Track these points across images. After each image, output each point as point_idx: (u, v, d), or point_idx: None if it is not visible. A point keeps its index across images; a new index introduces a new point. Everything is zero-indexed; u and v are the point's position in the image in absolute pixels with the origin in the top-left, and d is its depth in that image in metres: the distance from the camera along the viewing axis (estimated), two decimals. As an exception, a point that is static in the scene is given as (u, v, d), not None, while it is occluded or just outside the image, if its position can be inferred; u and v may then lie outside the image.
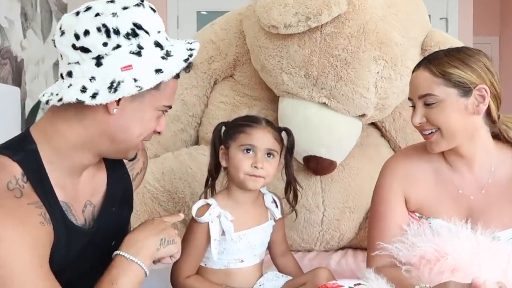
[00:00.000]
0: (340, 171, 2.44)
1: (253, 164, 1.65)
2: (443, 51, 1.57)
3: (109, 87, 1.20)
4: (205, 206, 1.68)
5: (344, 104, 2.23)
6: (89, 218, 1.37)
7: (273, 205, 1.81)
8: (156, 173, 2.47)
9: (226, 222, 1.67)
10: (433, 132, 1.55)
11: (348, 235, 2.48)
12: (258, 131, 1.70)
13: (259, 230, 1.76)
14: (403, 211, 1.64)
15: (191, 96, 2.61)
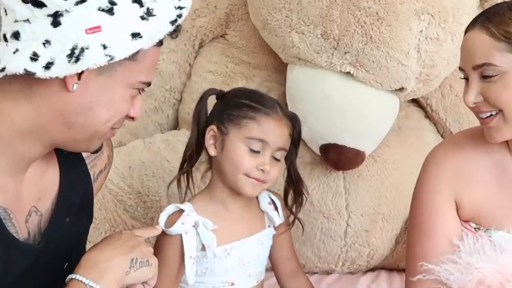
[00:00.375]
0: (370, 164, 2.45)
1: (260, 165, 1.67)
2: (507, 4, 1.52)
3: (69, 55, 1.20)
4: (177, 212, 1.69)
5: (375, 74, 2.24)
6: (35, 231, 1.36)
7: (270, 207, 1.83)
8: (121, 168, 2.48)
9: (206, 233, 1.67)
10: (492, 115, 1.52)
11: (380, 251, 2.50)
12: (273, 122, 1.71)
13: (253, 241, 1.77)
14: (454, 221, 1.65)
15: (168, 64, 2.62)
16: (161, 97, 2.65)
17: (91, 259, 1.35)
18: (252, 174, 1.67)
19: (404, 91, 2.33)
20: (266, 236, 1.81)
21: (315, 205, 2.40)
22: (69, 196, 1.46)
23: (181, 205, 1.70)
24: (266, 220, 1.82)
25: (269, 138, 1.68)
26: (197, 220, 1.67)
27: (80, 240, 1.54)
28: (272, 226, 1.83)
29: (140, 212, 2.49)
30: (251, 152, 1.68)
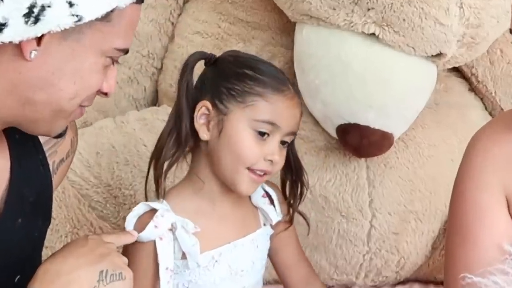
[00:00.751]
0: (400, 150, 2.47)
1: (268, 155, 1.67)
2: None
3: (26, 14, 1.19)
4: (149, 213, 1.67)
5: (406, 36, 2.24)
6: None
7: (265, 201, 1.83)
8: (86, 154, 2.49)
9: (186, 237, 1.66)
10: None
11: (413, 259, 2.51)
12: (286, 100, 1.72)
13: (247, 244, 1.77)
14: (505, 221, 1.65)
15: (145, 23, 2.64)
16: (136, 65, 2.68)
17: (50, 270, 1.35)
18: (257, 165, 1.67)
19: (442, 57, 2.33)
20: (261, 237, 1.81)
21: (331, 202, 2.41)
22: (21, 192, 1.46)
23: (153, 203, 1.68)
24: (260, 217, 1.83)
25: (281, 121, 1.68)
26: (174, 222, 1.66)
27: (35, 246, 1.54)
28: (269, 224, 1.83)
29: (110, 209, 2.50)
30: (260, 140, 1.67)
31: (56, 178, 1.61)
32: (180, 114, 1.73)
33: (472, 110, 2.62)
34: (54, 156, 1.59)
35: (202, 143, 1.73)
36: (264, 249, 1.82)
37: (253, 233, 1.79)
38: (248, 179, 1.67)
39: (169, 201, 1.70)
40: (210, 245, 1.69)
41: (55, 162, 1.59)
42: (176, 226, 1.65)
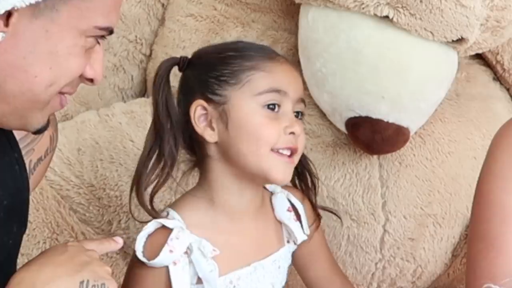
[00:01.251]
0: (416, 146, 2.46)
1: (288, 127, 1.65)
2: None
3: None
4: (161, 230, 1.65)
5: (423, 19, 2.23)
6: None
7: (290, 215, 1.81)
8: (66, 151, 2.48)
9: (203, 262, 1.64)
10: None
11: (431, 268, 2.51)
12: (284, 66, 1.73)
13: (268, 265, 1.76)
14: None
15: (132, 4, 2.65)
16: (122, 52, 2.69)
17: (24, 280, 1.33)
18: (280, 143, 1.65)
19: (464, 43, 2.32)
20: (284, 256, 1.81)
21: (340, 204, 2.41)
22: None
23: (167, 221, 1.65)
24: (284, 233, 1.82)
25: (286, 86, 1.68)
26: (190, 243, 1.64)
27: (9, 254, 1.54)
28: (293, 242, 1.82)
29: (93, 212, 2.50)
30: (270, 112, 1.66)
31: (33, 179, 1.60)
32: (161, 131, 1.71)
33: (497, 102, 2.62)
34: (31, 154, 1.59)
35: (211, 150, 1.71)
36: (285, 268, 1.82)
37: (276, 253, 1.78)
38: (277, 163, 1.66)
39: (182, 214, 1.69)
40: (228, 267, 1.69)
41: (32, 161, 1.59)
42: (192, 248, 1.64)
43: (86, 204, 2.48)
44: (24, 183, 1.55)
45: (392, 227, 2.43)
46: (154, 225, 1.65)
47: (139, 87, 2.71)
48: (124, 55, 2.66)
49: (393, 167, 2.43)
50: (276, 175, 1.65)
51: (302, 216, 1.82)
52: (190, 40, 2.55)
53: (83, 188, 2.48)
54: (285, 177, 1.68)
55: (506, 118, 1.88)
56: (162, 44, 2.65)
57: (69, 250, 1.41)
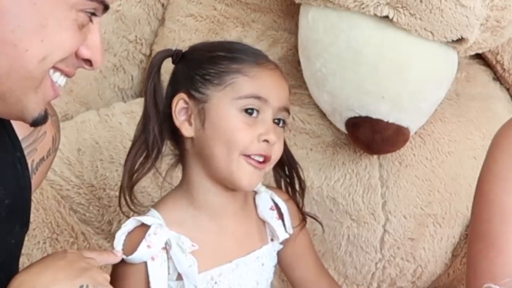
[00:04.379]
0: (416, 146, 2.46)
1: (263, 135, 1.64)
2: None
3: None
4: (140, 229, 1.65)
5: (424, 19, 2.23)
6: None
7: (272, 214, 1.81)
8: (67, 151, 2.49)
9: (182, 257, 1.64)
10: None
11: (431, 268, 2.52)
12: (269, 73, 1.71)
13: (250, 262, 1.76)
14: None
15: (132, 4, 2.65)
16: (122, 52, 2.69)
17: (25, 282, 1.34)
18: (252, 149, 1.64)
19: (464, 43, 2.32)
20: (268, 254, 1.80)
21: (340, 204, 2.42)
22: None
23: (144, 218, 1.66)
24: (267, 231, 1.82)
25: (267, 94, 1.67)
26: (168, 239, 1.64)
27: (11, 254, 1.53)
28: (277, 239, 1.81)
29: (93, 212, 2.50)
30: (248, 119, 1.66)
31: (35, 179, 1.60)
32: (147, 119, 1.73)
33: (497, 102, 2.63)
34: (33, 154, 1.58)
35: (188, 144, 1.71)
36: (270, 266, 1.82)
37: (258, 250, 1.77)
38: (246, 168, 1.64)
39: (163, 212, 1.69)
40: (209, 264, 1.68)
41: (34, 160, 1.59)
42: (170, 244, 1.63)
43: (86, 204, 2.49)
44: (26, 183, 1.55)
45: (392, 227, 2.44)
46: (133, 223, 1.65)
47: (139, 87, 2.71)
48: (124, 55, 2.66)
49: (393, 167, 2.44)
50: (242, 180, 1.65)
51: (285, 215, 1.82)
52: (190, 40, 2.54)
53: (83, 188, 2.49)
54: (251, 183, 1.68)
55: (506, 118, 1.88)
56: (162, 44, 2.64)
57: (69, 257, 1.42)
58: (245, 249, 1.75)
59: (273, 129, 1.66)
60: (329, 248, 2.41)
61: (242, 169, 1.64)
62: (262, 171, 1.69)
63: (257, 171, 1.66)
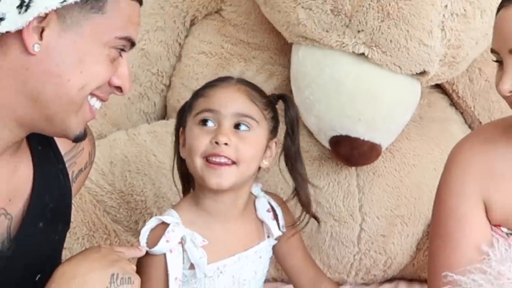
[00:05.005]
0: (387, 160, 2.46)
1: (213, 138, 1.62)
2: None
3: (19, 5, 1.19)
4: (161, 226, 1.65)
5: (393, 55, 2.23)
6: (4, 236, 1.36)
7: (269, 215, 1.80)
8: (101, 164, 2.48)
9: (194, 251, 1.63)
10: None
11: (399, 259, 2.51)
12: (222, 90, 1.70)
13: (250, 256, 1.75)
14: (483, 225, 1.66)
15: (155, 44, 2.64)
16: (147, 82, 2.67)
17: (66, 272, 1.34)
18: (208, 151, 1.62)
19: (426, 75, 2.32)
20: (265, 249, 1.80)
21: (324, 206, 2.41)
22: (43, 198, 1.45)
23: (164, 217, 1.66)
24: (265, 229, 1.80)
25: (217, 105, 1.66)
26: (184, 235, 1.63)
27: (55, 248, 1.53)
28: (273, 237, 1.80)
29: (123, 214, 2.50)
30: (203, 129, 1.65)
31: (75, 187, 1.60)
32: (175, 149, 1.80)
33: (453, 124, 2.62)
34: (73, 166, 1.58)
35: None
36: (266, 259, 1.81)
37: (257, 246, 1.77)
38: (209, 170, 1.62)
39: (180, 212, 1.69)
40: (216, 257, 1.67)
41: (74, 172, 1.59)
42: (185, 239, 1.63)
43: (117, 207, 2.48)
44: (68, 190, 1.55)
45: (367, 225, 2.43)
46: (155, 221, 1.65)
47: (161, 112, 2.70)
48: (148, 85, 2.65)
49: (368, 176, 2.43)
50: (210, 180, 1.62)
51: (279, 216, 1.81)
52: (202, 73, 2.55)
53: (115, 194, 2.48)
54: (219, 182, 1.62)
55: (460, 137, 1.88)
56: (179, 76, 2.64)
57: (102, 250, 1.42)
58: (246, 245, 1.74)
59: (227, 131, 1.63)
60: (315, 243, 2.40)
61: (205, 171, 1.62)
62: (230, 171, 1.63)
63: (221, 171, 1.62)
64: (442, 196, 1.71)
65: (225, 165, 1.62)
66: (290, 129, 1.80)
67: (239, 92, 1.69)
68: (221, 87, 1.70)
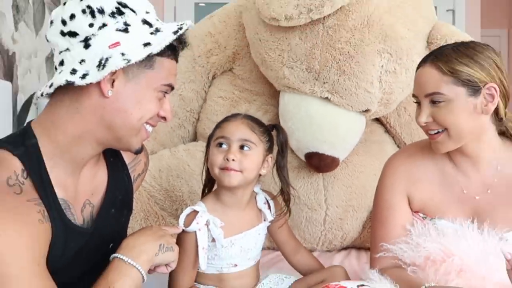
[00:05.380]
0: (343, 168, 2.44)
1: (225, 156, 1.63)
2: (451, 46, 1.52)
3: (98, 65, 1.21)
4: (193, 213, 1.65)
5: (347, 99, 2.23)
6: (88, 219, 1.37)
7: (265, 206, 1.79)
8: (153, 171, 2.47)
9: (215, 229, 1.64)
10: (439, 132, 1.51)
11: (351, 234, 2.49)
12: (232, 123, 1.69)
13: (252, 233, 1.74)
14: (407, 212, 1.65)
15: (188, 91, 2.61)
16: (183, 117, 2.65)
17: (130, 243, 1.34)
18: (221, 165, 1.63)
19: (369, 112, 2.32)
20: (262, 228, 1.78)
21: (301, 199, 2.40)
22: (114, 193, 1.45)
23: (196, 207, 1.66)
24: (262, 215, 1.78)
25: (229, 134, 1.65)
26: (208, 219, 1.63)
27: (122, 226, 1.53)
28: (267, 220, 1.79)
29: (167, 204, 2.48)
30: (219, 150, 1.65)
31: (135, 186, 1.59)
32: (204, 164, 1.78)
33: (387, 144, 2.60)
34: (134, 172, 1.58)
35: None
36: (263, 235, 1.79)
37: (257, 226, 1.75)
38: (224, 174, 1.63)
39: (206, 204, 1.68)
40: (229, 234, 1.67)
41: (134, 175, 1.58)
42: (209, 222, 1.63)
43: (163, 199, 2.48)
44: (130, 188, 1.55)
45: (330, 212, 2.42)
46: (189, 210, 1.65)
47: (193, 136, 2.68)
48: (184, 118, 2.63)
49: (330, 179, 2.42)
50: (223, 182, 1.63)
51: (271, 207, 1.80)
52: (220, 111, 2.53)
53: (162, 191, 2.48)
54: (230, 182, 1.63)
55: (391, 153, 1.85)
56: (205, 112, 2.62)
57: (153, 228, 1.41)
58: (249, 225, 1.73)
59: (235, 152, 1.63)
60: (296, 224, 2.38)
61: (221, 175, 1.63)
62: (238, 175, 1.63)
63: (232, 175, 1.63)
64: (379, 192, 1.70)
65: (233, 171, 1.62)
66: (281, 149, 1.78)
67: (243, 124, 1.68)
68: (230, 121, 1.69)
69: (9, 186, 1.17)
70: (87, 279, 1.30)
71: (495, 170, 1.57)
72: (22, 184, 1.19)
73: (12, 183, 1.18)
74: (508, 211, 1.55)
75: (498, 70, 1.48)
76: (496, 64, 1.48)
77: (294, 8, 2.07)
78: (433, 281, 1.45)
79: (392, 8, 2.17)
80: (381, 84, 2.23)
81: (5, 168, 1.19)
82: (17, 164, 1.21)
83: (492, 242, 1.48)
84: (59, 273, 1.23)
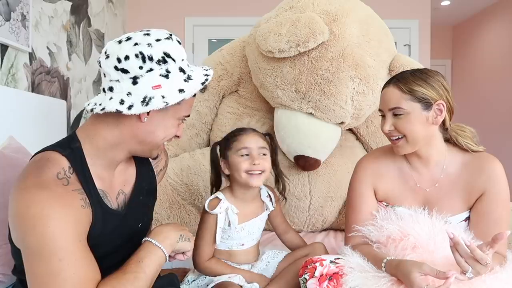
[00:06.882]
0: (323, 167, 2.43)
1: (251, 162, 1.62)
2: (409, 72, 1.53)
3: (142, 101, 1.20)
4: (215, 199, 1.65)
5: (327, 114, 2.23)
6: (121, 204, 1.36)
7: (267, 198, 1.78)
8: (176, 169, 2.46)
9: (232, 215, 1.65)
10: (399, 138, 1.52)
11: (330, 219, 2.48)
12: (248, 135, 1.68)
13: (257, 220, 1.74)
14: (373, 201, 1.63)
15: (204, 108, 2.60)
16: (199, 128, 2.63)
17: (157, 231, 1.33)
18: (249, 169, 1.63)
19: (343, 124, 2.32)
20: (264, 216, 1.77)
21: (291, 191, 2.38)
22: (141, 184, 1.45)
23: (218, 194, 1.68)
24: (264, 206, 1.78)
25: (250, 144, 1.65)
26: (227, 207, 1.64)
27: (149, 210, 1.52)
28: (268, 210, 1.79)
29: (187, 195, 2.45)
30: (244, 158, 1.64)
31: (158, 178, 1.59)
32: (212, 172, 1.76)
33: (358, 149, 2.59)
34: (156, 167, 1.58)
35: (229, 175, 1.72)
36: (264, 221, 1.78)
37: (261, 215, 1.75)
38: (251, 177, 1.63)
39: (224, 194, 1.69)
40: (241, 220, 1.68)
41: (157, 170, 1.58)
42: (228, 208, 1.64)
43: (184, 191, 2.45)
44: (154, 180, 1.54)
45: (313, 201, 2.41)
46: (213, 196, 1.67)
47: (207, 143, 2.66)
48: (200, 129, 2.62)
49: (314, 176, 2.41)
50: (252, 184, 1.63)
51: (272, 199, 1.79)
52: (228, 123, 2.53)
53: (183, 185, 2.45)
54: (258, 183, 1.63)
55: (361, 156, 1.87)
56: (216, 125, 2.61)
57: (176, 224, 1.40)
58: (255, 214, 1.73)
59: (257, 157, 1.64)
60: (287, 211, 2.37)
61: (249, 179, 1.63)
62: (262, 176, 1.65)
63: (257, 177, 1.64)
64: (352, 185, 1.68)
65: (258, 173, 1.63)
66: (274, 150, 1.78)
67: (258, 136, 1.69)
68: (247, 133, 1.69)
69: (59, 179, 1.18)
70: (121, 251, 1.32)
71: (441, 169, 1.57)
72: (69, 178, 1.20)
73: (61, 177, 1.19)
74: (452, 201, 1.55)
75: (445, 90, 1.50)
76: (443, 85, 1.50)
77: (286, 43, 2.08)
78: (393, 255, 1.43)
79: (361, 43, 2.18)
80: (353, 102, 2.22)
81: (56, 165, 1.20)
82: (65, 162, 1.22)
83: (439, 224, 1.47)
84: (99, 247, 1.23)
